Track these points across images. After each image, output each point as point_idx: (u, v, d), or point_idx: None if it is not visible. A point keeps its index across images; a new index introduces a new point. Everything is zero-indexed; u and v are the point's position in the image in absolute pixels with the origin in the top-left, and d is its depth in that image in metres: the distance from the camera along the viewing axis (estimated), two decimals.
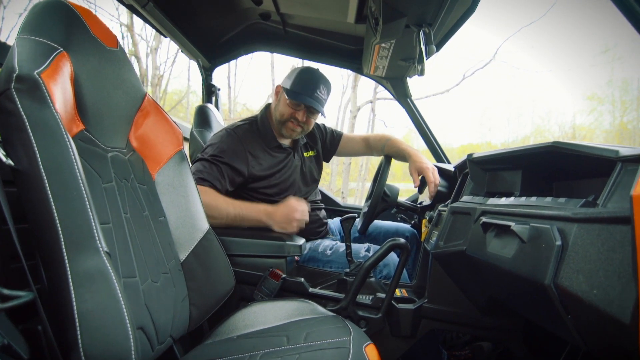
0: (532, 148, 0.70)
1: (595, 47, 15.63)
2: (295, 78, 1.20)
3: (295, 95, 1.18)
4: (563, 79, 16.49)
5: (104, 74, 0.71)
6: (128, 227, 0.67)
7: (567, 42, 17.59)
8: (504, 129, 13.89)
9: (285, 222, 1.09)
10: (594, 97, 10.38)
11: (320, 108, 1.21)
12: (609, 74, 11.34)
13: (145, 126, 0.83)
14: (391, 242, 0.88)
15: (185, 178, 0.87)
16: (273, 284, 0.93)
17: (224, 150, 1.15)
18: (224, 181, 1.13)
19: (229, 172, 1.14)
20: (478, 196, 0.89)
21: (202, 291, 0.84)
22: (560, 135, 11.06)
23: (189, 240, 0.85)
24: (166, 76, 7.96)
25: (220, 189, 1.11)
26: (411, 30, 1.08)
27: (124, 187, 0.70)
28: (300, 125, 1.23)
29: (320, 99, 1.20)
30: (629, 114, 10.07)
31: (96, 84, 0.68)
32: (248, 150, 1.19)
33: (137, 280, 0.64)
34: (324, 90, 1.21)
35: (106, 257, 0.51)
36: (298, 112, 1.21)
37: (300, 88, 1.19)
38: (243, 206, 1.09)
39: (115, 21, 7.31)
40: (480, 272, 0.79)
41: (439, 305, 0.93)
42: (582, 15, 17.70)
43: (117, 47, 0.76)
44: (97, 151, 0.66)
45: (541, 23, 17.01)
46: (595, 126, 10.61)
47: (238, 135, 1.20)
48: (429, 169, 1.21)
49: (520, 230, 0.60)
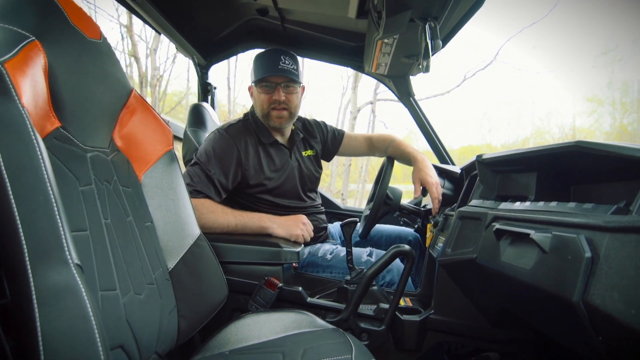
0: (550, 148, 0.64)
1: (597, 48, 15.62)
2: (254, 66, 1.17)
3: (260, 74, 1.14)
4: (564, 80, 16.45)
5: (85, 67, 0.65)
6: (108, 234, 0.61)
7: (568, 42, 17.57)
8: (504, 130, 13.85)
9: (292, 223, 1.06)
10: (594, 99, 10.36)
11: (290, 75, 1.14)
12: (609, 75, 11.32)
13: (131, 124, 0.77)
14: (395, 250, 0.82)
15: (175, 180, 0.82)
16: (269, 293, 0.87)
17: (216, 155, 1.09)
18: (218, 189, 1.08)
19: (222, 179, 1.08)
20: (488, 200, 0.84)
21: (192, 302, 0.78)
22: (560, 137, 11.04)
23: (178, 247, 0.79)
24: (165, 77, 7.91)
25: (216, 198, 1.06)
26: (416, 25, 1.02)
27: (105, 190, 0.64)
28: (284, 106, 1.16)
29: (287, 69, 1.14)
30: (629, 115, 10.04)
31: (75, 77, 0.63)
32: (241, 151, 1.13)
33: (117, 293, 0.58)
34: (289, 60, 1.15)
35: (76, 271, 0.45)
36: (273, 93, 1.15)
37: (263, 71, 1.14)
38: (243, 214, 1.05)
39: (115, 22, 7.28)
40: (492, 282, 0.73)
41: (446, 316, 0.87)
42: (584, 16, 17.70)
43: (101, 39, 0.70)
44: (75, 151, 0.60)
45: (543, 23, 17.01)
46: (596, 128, 10.58)
47: (230, 135, 1.14)
48: (433, 184, 1.14)
49: (540, 239, 0.54)
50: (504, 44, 11.24)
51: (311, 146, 1.35)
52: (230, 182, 1.11)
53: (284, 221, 1.06)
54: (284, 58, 1.14)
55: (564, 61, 17.48)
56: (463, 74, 7.71)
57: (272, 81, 1.14)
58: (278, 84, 1.14)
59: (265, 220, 1.05)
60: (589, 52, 18.92)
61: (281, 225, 1.05)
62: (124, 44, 7.53)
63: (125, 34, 7.32)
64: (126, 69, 7.66)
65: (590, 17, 18.44)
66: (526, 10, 18.22)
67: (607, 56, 10.13)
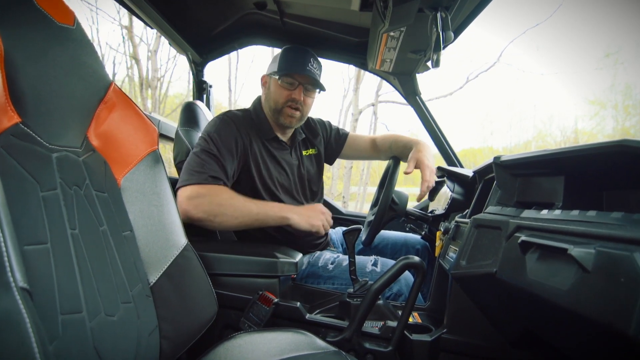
0: (586, 149, 0.56)
1: (600, 50, 15.53)
2: (281, 58, 1.10)
3: (287, 69, 1.07)
4: (566, 82, 16.32)
5: (52, 56, 0.57)
6: (75, 247, 0.53)
7: (571, 44, 17.50)
8: (505, 133, 13.76)
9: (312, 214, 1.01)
10: (597, 102, 10.29)
11: (317, 79, 1.09)
12: (612, 78, 11.25)
13: (109, 121, 0.69)
14: (404, 262, 0.74)
15: (160, 184, 0.73)
16: (263, 310, 0.78)
17: (222, 141, 1.02)
18: (229, 176, 1.01)
19: (230, 166, 1.02)
20: (507, 207, 0.75)
21: (177, 320, 0.70)
22: (562, 140, 10.97)
23: (162, 259, 0.70)
24: (167, 79, 7.86)
25: (229, 184, 1.00)
26: (424, 16, 0.94)
27: (73, 195, 0.56)
28: (299, 107, 1.10)
29: (314, 72, 1.09)
30: (631, 119, 9.98)
31: (40, 67, 0.55)
32: (245, 140, 1.07)
33: (82, 316, 0.50)
34: (316, 65, 1.11)
35: (21, 296, 0.37)
36: (294, 91, 1.09)
37: (290, 65, 1.08)
38: (264, 203, 1.00)
39: (116, 24, 7.24)
40: (515, 300, 0.65)
41: (460, 336, 0.78)
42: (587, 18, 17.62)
43: (74, 25, 0.62)
44: (37, 150, 0.52)
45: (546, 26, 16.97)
46: (598, 131, 10.51)
47: (232, 120, 1.08)
48: (428, 166, 1.09)
49: (582, 255, 0.45)
50: (507, 45, 11.13)
51: (313, 145, 1.28)
52: (237, 168, 1.05)
53: (305, 211, 1.02)
54: (312, 61, 1.10)
55: (566, 63, 17.42)
56: (466, 75, 7.60)
57: (297, 79, 1.09)
58: (301, 84, 1.09)
59: (286, 210, 1.00)
60: (591, 54, 18.85)
61: (301, 215, 1.00)
62: (125, 47, 7.50)
63: (126, 36, 7.28)
64: (127, 71, 7.63)
65: (593, 20, 18.38)
66: (529, 13, 18.18)
67: (610, 59, 10.07)
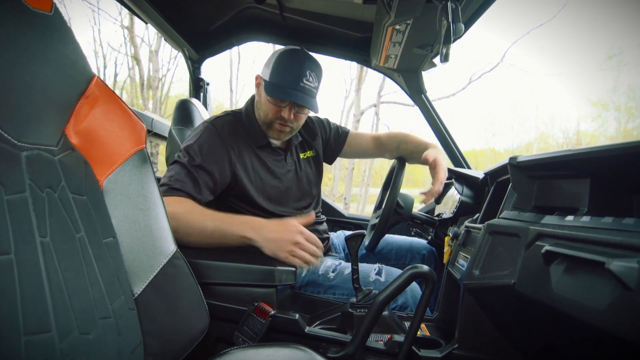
0: (618, 148, 0.50)
1: (603, 52, 15.43)
2: (274, 66, 0.98)
3: (277, 90, 0.96)
4: (568, 83, 16.26)
5: (25, 45, 0.51)
6: (45, 257, 0.47)
7: (574, 46, 17.41)
8: (507, 134, 13.68)
9: (281, 242, 0.82)
10: (599, 103, 10.23)
11: (308, 103, 0.97)
12: (615, 79, 11.19)
13: (91, 117, 0.63)
14: (412, 271, 0.68)
15: (146, 186, 0.67)
16: (259, 323, 0.72)
17: (202, 151, 0.94)
18: (201, 188, 0.92)
19: (207, 179, 0.93)
20: (524, 212, 0.69)
21: (164, 335, 0.64)
22: (564, 142, 10.92)
23: (148, 268, 0.64)
24: (168, 79, 7.83)
25: (198, 196, 0.91)
26: (432, 7, 0.88)
27: (45, 199, 0.50)
28: (289, 124, 1.01)
29: (309, 88, 0.97)
30: (634, 120, 9.91)
31: (8, 56, 0.49)
32: (231, 147, 0.98)
33: (51, 336, 0.44)
34: (313, 77, 0.98)
35: None
36: (283, 109, 0.98)
37: (282, 79, 0.96)
38: (224, 218, 0.86)
39: (117, 24, 7.22)
40: (537, 315, 0.59)
41: (473, 351, 0.72)
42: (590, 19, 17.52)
43: (51, 11, 0.56)
44: (3, 148, 0.47)
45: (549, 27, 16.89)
46: (600, 133, 10.45)
47: (218, 129, 0.99)
48: (442, 167, 1.02)
49: (623, 270, 0.39)
50: (510, 46, 11.10)
51: (310, 146, 1.20)
52: (219, 182, 0.96)
53: (274, 234, 0.83)
54: (309, 74, 0.97)
55: (568, 64, 17.31)
56: (468, 76, 7.55)
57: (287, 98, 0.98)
58: (292, 102, 0.98)
59: (247, 229, 0.84)
60: (594, 55, 18.77)
61: (268, 241, 0.82)
62: (127, 48, 7.47)
63: (128, 36, 7.26)
64: (129, 72, 7.60)
65: (596, 21, 18.29)
66: (533, 14, 18.10)
67: (613, 60, 10.00)
